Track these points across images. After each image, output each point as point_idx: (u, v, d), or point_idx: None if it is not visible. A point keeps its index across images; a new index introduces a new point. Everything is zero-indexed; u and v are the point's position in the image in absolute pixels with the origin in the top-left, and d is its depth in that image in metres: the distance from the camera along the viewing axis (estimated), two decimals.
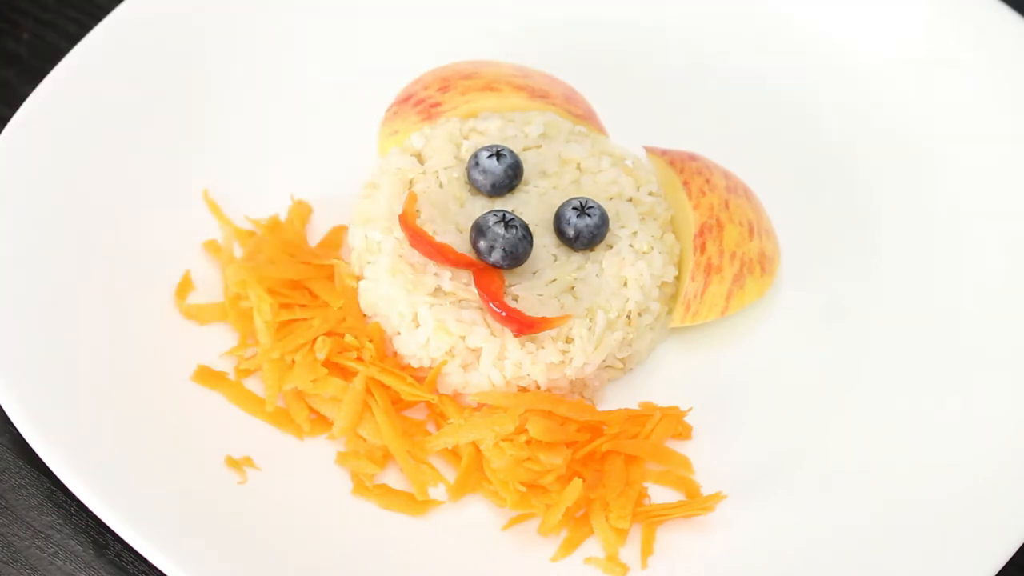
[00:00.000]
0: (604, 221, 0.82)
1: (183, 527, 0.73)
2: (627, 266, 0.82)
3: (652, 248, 0.83)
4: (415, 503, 0.77)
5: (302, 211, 0.87)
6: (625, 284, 0.82)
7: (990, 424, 0.80)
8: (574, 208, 0.82)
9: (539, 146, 0.87)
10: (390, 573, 0.74)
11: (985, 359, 0.83)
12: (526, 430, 0.77)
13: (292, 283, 0.83)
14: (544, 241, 0.83)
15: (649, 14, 1.00)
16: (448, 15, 0.99)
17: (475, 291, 0.80)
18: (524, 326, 0.78)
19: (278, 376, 0.80)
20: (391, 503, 0.77)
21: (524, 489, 0.76)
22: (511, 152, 0.83)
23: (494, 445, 0.77)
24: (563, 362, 0.80)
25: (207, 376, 0.80)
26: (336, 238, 0.87)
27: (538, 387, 0.80)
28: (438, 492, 0.78)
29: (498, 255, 0.79)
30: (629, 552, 0.76)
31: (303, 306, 0.82)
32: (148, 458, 0.75)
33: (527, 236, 0.80)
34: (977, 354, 0.84)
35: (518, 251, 0.80)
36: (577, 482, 0.76)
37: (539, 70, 0.93)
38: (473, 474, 0.78)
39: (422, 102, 0.89)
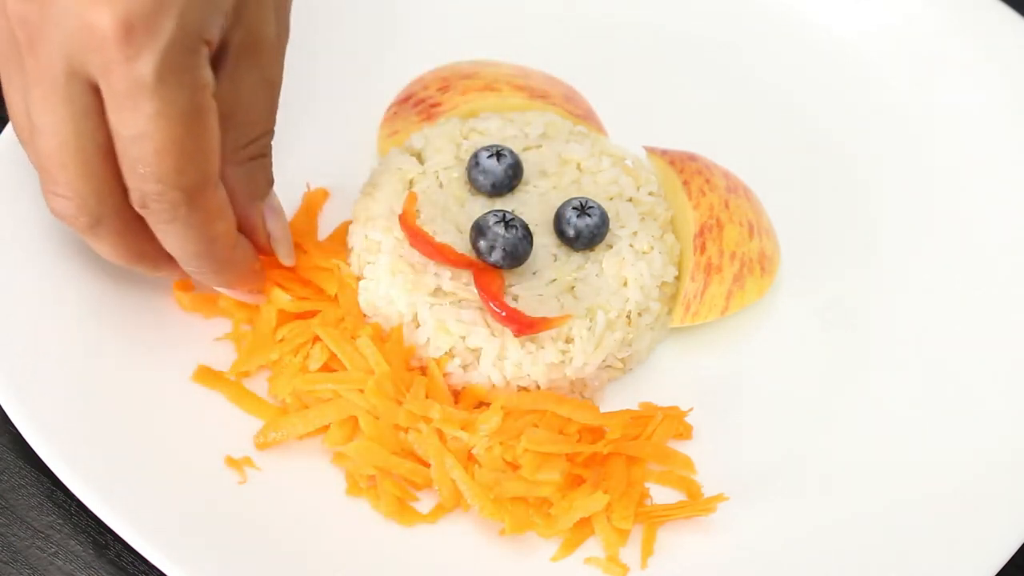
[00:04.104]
0: (604, 221, 0.82)
1: (183, 527, 0.73)
2: (627, 266, 0.82)
3: (652, 248, 0.83)
4: (407, 508, 0.77)
5: (316, 199, 0.87)
6: (625, 284, 0.82)
7: (990, 424, 0.80)
8: (574, 208, 0.82)
9: (539, 146, 0.87)
10: (390, 573, 0.74)
11: (985, 358, 0.83)
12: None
13: (299, 278, 0.83)
14: (544, 241, 0.83)
15: (649, 14, 1.00)
16: (448, 15, 0.99)
17: (475, 291, 0.80)
18: (524, 326, 0.78)
19: (282, 381, 0.80)
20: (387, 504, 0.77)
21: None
22: (511, 152, 0.83)
23: (486, 450, 0.76)
24: (563, 362, 0.80)
25: (207, 376, 0.80)
26: (343, 234, 0.87)
27: (538, 387, 0.80)
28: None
29: (498, 255, 0.79)
30: (629, 552, 0.76)
31: (303, 298, 0.82)
32: (148, 458, 0.75)
33: (527, 236, 0.80)
34: (977, 353, 0.84)
35: (518, 251, 0.80)
36: (600, 496, 0.75)
37: (539, 70, 0.93)
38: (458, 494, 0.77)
39: (422, 102, 0.89)
